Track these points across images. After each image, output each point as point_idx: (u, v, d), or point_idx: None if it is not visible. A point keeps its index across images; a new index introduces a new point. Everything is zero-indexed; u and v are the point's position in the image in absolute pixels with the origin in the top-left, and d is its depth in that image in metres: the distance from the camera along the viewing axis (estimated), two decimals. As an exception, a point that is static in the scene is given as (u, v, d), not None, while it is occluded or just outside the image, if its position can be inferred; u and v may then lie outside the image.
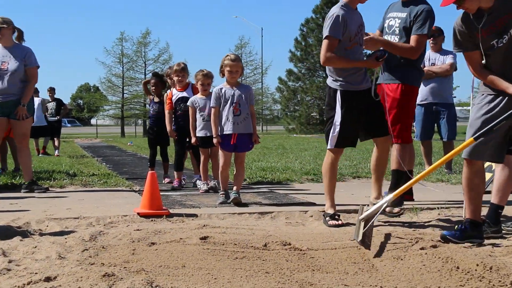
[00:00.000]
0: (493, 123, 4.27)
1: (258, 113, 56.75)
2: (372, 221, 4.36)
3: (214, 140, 6.87)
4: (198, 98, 7.88)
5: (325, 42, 5.37)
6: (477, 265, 3.60)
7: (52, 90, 17.49)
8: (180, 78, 8.29)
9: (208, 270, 3.69)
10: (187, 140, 8.28)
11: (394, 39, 5.99)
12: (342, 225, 5.40)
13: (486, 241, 4.57)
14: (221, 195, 6.85)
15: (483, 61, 4.48)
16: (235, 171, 6.89)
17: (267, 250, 4.30)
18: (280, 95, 54.16)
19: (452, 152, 4.48)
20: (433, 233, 4.99)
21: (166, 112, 8.40)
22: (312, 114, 51.73)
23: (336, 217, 5.53)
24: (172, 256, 4.04)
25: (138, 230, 5.05)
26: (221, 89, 6.72)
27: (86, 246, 4.40)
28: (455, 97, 14.39)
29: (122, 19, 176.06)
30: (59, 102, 17.57)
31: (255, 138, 6.84)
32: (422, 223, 5.56)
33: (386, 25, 6.15)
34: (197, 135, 7.83)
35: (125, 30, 59.03)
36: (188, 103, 7.91)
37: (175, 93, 8.36)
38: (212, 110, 6.76)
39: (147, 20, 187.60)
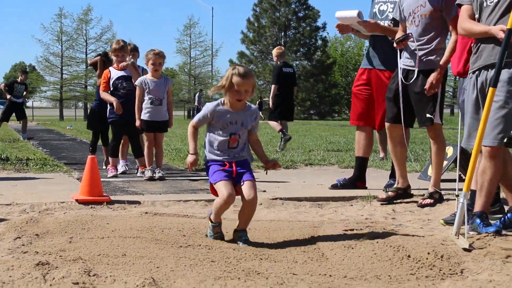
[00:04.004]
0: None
1: (207, 98, 56.52)
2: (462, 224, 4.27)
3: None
4: (148, 79, 7.75)
5: None
6: (428, 253, 3.69)
7: None
8: (119, 58, 8.05)
9: (150, 258, 3.68)
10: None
11: (388, 24, 6.18)
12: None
13: (438, 230, 4.70)
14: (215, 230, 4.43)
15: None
16: (242, 209, 4.38)
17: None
18: (231, 79, 54.06)
19: None
20: (385, 221, 5.10)
21: (101, 92, 8.13)
22: (264, 99, 51.88)
23: None
24: (112, 245, 4.01)
25: (76, 217, 4.98)
26: (219, 109, 4.41)
27: (19, 234, 4.32)
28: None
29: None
30: None
31: (269, 165, 4.49)
32: (375, 212, 5.66)
33: (376, 10, 6.24)
34: (142, 118, 7.74)
35: (64, 5, 58.17)
36: (136, 83, 7.77)
37: (115, 72, 8.07)
38: (195, 123, 4.46)
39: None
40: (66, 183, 7.21)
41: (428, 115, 5.80)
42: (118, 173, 8.02)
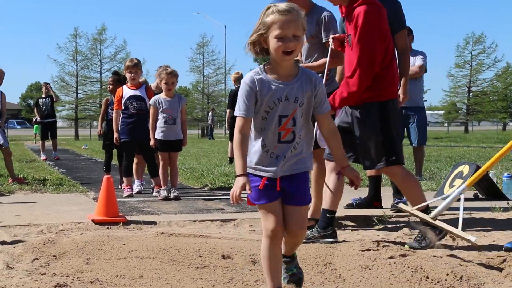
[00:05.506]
0: None
1: (220, 116, 56.67)
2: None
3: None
4: (161, 98, 7.79)
5: None
6: (447, 274, 3.65)
7: None
8: (132, 75, 8.09)
9: (167, 280, 3.67)
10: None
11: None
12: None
13: (457, 250, 4.65)
14: None
15: None
16: (285, 238, 3.27)
17: (229, 260, 4.29)
18: (244, 97, 54.12)
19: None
20: (402, 241, 5.05)
21: (114, 112, 8.23)
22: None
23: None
24: (128, 266, 4.00)
25: (92, 238, 4.99)
26: (260, 79, 3.01)
27: (37, 255, 4.33)
28: (425, 100, 14.78)
29: (76, 14, 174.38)
30: None
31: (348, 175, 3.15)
32: (391, 231, 5.61)
33: None
34: (156, 137, 7.77)
35: (79, 25, 58.61)
36: (150, 102, 7.83)
37: (127, 91, 8.14)
38: (239, 121, 3.04)
39: (103, 16, 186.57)
40: (82, 203, 7.23)
41: None
42: (133, 192, 8.02)
